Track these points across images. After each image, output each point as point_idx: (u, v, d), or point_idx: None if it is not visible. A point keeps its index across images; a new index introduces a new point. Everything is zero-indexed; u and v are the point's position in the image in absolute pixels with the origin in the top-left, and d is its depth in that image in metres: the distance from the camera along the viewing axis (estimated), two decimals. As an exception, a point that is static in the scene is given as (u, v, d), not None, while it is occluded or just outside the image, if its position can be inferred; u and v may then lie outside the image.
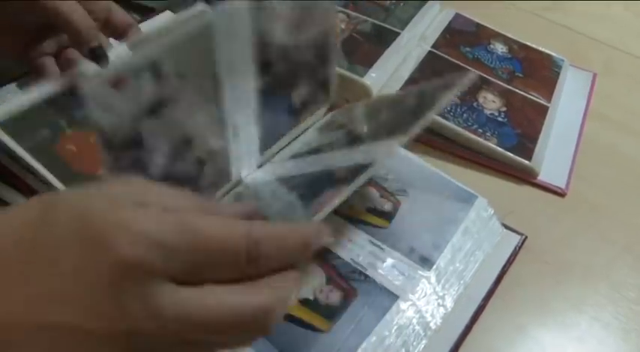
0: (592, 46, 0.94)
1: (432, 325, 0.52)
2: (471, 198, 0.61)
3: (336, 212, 0.56)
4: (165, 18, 0.63)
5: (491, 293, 0.57)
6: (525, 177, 0.69)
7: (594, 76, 0.87)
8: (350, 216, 0.57)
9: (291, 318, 0.49)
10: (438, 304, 0.53)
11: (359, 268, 0.53)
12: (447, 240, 0.57)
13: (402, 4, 0.85)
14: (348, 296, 0.51)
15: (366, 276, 0.53)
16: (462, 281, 0.56)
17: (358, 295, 0.51)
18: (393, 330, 0.50)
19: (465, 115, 0.71)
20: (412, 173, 0.62)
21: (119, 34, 0.59)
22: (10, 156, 0.51)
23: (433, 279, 0.54)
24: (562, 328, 0.57)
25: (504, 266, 0.59)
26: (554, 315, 0.57)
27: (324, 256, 0.53)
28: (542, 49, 0.87)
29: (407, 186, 0.61)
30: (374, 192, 0.59)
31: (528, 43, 0.88)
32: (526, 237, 0.62)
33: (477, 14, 0.89)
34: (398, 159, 0.63)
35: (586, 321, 0.57)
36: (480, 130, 0.69)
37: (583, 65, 0.88)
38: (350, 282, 0.52)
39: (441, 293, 0.54)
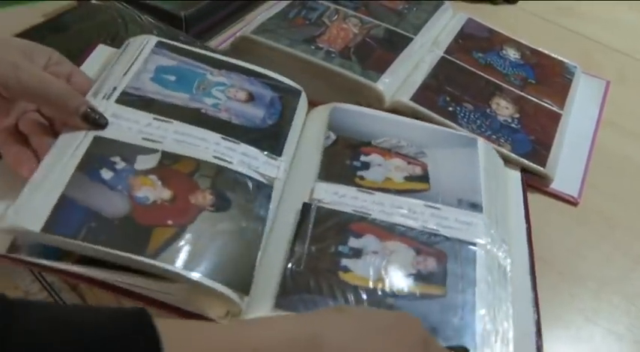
0: (605, 54, 0.93)
1: (508, 269, 0.55)
2: (471, 142, 0.65)
3: (380, 189, 0.58)
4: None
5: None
6: (538, 185, 0.68)
7: (607, 83, 0.86)
8: (396, 190, 0.58)
9: (412, 297, 0.50)
10: (504, 250, 0.56)
11: (433, 231, 0.55)
12: (478, 183, 0.60)
13: (414, 9, 0.84)
14: (440, 259, 0.53)
15: (443, 236, 0.55)
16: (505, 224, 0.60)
17: (447, 254, 0.53)
18: (490, 278, 0.52)
19: (478, 121, 0.70)
20: (418, 134, 0.65)
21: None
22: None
23: (487, 220, 0.57)
24: (576, 341, 0.56)
25: None
26: (568, 328, 0.57)
27: (398, 230, 0.54)
28: (555, 56, 0.87)
29: (422, 147, 0.63)
30: (401, 161, 0.61)
31: (540, 49, 0.87)
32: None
33: (489, 20, 0.89)
34: (399, 126, 0.65)
35: (600, 334, 0.57)
36: (494, 136, 0.69)
37: (596, 73, 0.88)
38: (434, 246, 0.54)
39: (497, 238, 0.57)
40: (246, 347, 0.35)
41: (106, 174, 0.50)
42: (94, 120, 0.52)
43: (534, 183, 0.68)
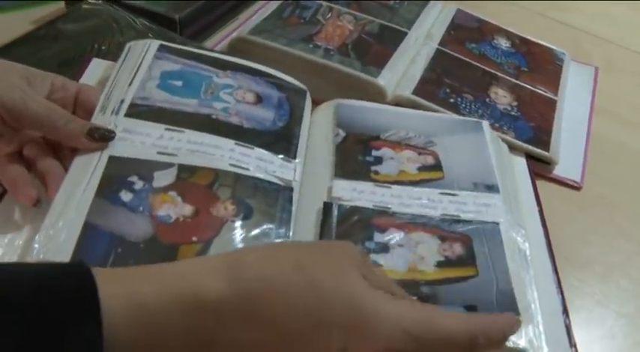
0: (593, 43, 0.95)
1: (528, 253, 0.56)
2: (476, 126, 0.66)
3: (396, 182, 0.58)
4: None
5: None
6: (540, 171, 0.69)
7: (596, 69, 0.88)
8: (411, 181, 0.59)
9: (446, 282, 0.51)
10: (522, 234, 0.57)
11: (454, 217, 0.55)
12: (491, 165, 0.61)
13: (405, 3, 0.85)
14: (466, 242, 0.54)
15: (465, 221, 0.55)
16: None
17: (472, 237, 0.54)
18: (515, 255, 0.54)
19: (480, 111, 0.71)
20: (424, 124, 0.65)
21: (89, 109, 0.55)
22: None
23: (503, 200, 0.58)
24: (588, 325, 0.57)
25: None
26: (579, 312, 0.57)
27: (419, 221, 0.55)
28: (543, 43, 0.88)
29: (430, 136, 0.64)
30: (412, 153, 0.61)
31: (529, 37, 0.88)
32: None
33: (479, 14, 0.90)
34: (405, 117, 0.66)
35: (611, 317, 0.58)
36: (497, 125, 0.70)
37: (585, 61, 0.89)
38: (458, 231, 0.54)
39: (514, 222, 0.58)
40: (171, 273, 0.36)
41: (126, 196, 0.49)
42: (102, 136, 0.51)
43: (537, 169, 0.69)
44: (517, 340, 0.47)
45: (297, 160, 0.57)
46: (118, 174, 0.50)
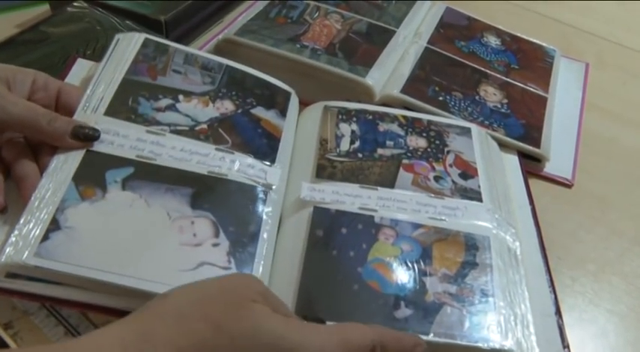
0: (583, 38, 0.95)
1: (518, 252, 0.55)
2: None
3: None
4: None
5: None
6: (532, 169, 0.69)
7: (587, 66, 0.87)
8: None
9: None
10: (512, 233, 0.57)
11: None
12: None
13: (394, 1, 0.84)
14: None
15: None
16: None
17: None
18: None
19: (469, 109, 0.70)
20: None
21: (71, 110, 0.54)
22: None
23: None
24: (581, 324, 0.56)
25: None
26: (572, 311, 0.57)
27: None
28: (534, 40, 0.87)
29: None
30: None
31: (519, 34, 0.88)
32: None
33: (466, 10, 0.89)
34: None
35: (603, 315, 0.57)
36: (487, 122, 0.69)
37: (576, 57, 0.89)
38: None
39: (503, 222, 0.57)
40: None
41: None
42: (86, 136, 0.51)
43: (527, 167, 0.68)
44: (503, 341, 0.46)
45: (277, 164, 0.56)
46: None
